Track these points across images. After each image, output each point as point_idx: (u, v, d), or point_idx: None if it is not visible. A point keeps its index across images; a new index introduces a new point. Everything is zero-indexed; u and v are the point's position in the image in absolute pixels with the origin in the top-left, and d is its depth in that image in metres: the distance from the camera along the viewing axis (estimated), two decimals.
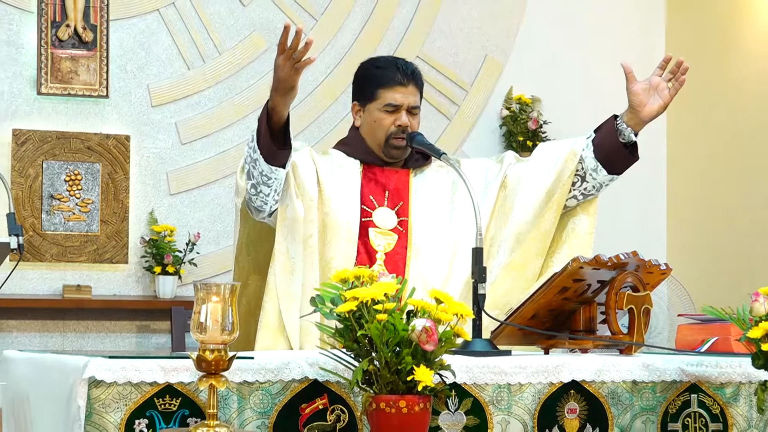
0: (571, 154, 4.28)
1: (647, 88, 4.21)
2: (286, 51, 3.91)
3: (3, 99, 6.96)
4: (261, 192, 4.04)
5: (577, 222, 4.34)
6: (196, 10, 7.27)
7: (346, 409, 3.31)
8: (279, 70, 3.94)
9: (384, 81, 4.24)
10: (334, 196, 4.19)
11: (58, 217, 6.97)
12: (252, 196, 4.06)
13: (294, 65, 3.92)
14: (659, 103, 4.21)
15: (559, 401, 3.49)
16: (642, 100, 4.20)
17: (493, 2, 7.82)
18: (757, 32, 7.49)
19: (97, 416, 3.10)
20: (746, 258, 7.45)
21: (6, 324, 6.88)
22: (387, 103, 4.23)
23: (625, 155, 4.26)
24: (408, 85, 4.25)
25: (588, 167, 4.26)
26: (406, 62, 4.32)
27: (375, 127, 4.25)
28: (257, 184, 4.02)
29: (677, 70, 4.20)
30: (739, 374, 3.63)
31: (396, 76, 4.24)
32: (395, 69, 4.26)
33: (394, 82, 4.23)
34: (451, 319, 3.15)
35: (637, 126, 4.24)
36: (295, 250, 4.10)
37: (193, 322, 3.04)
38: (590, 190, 4.30)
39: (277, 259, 4.10)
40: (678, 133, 8.01)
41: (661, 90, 4.21)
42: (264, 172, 4.00)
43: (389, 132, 4.24)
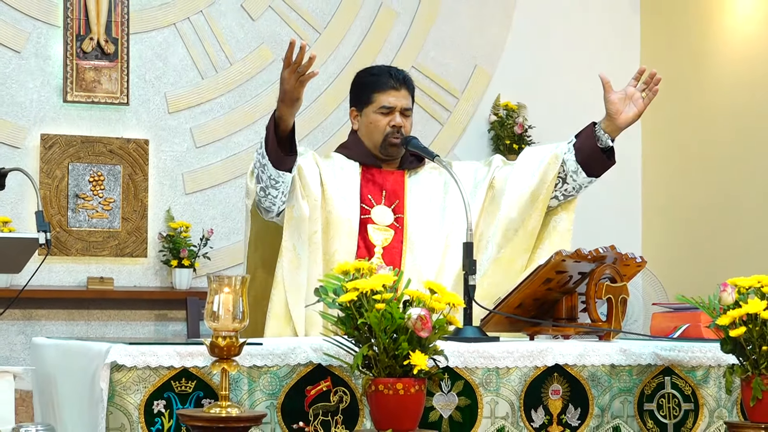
0: (554, 157, 4.27)
1: (623, 97, 4.20)
2: (291, 65, 3.90)
3: (32, 106, 6.94)
4: (269, 194, 4.03)
5: (558, 220, 4.33)
6: (209, 24, 7.25)
7: (348, 391, 3.30)
8: (285, 82, 3.93)
9: (378, 86, 4.25)
10: (335, 195, 4.19)
11: (82, 215, 6.96)
12: (261, 198, 4.05)
13: (299, 78, 3.91)
14: (634, 111, 4.19)
15: (544, 383, 3.49)
16: (618, 109, 4.19)
17: (482, 17, 7.81)
18: (726, 39, 7.48)
19: (118, 398, 3.09)
20: (715, 251, 7.44)
21: (35, 313, 6.87)
22: (382, 106, 4.23)
23: (603, 159, 4.25)
24: (400, 89, 4.25)
25: (569, 170, 4.25)
26: (398, 69, 4.34)
27: (372, 129, 4.25)
28: (266, 187, 4.02)
29: (650, 81, 4.19)
30: (709, 358, 3.63)
31: (389, 82, 4.24)
32: (388, 75, 4.27)
33: (387, 86, 4.24)
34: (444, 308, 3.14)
35: (614, 132, 4.22)
36: (301, 246, 4.10)
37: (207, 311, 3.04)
38: (570, 191, 4.29)
39: (284, 255, 4.09)
40: (652, 136, 8.00)
41: (636, 99, 4.20)
42: (272, 176, 3.99)
43: (385, 132, 4.24)
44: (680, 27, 7.80)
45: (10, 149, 6.88)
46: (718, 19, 7.53)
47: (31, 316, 6.86)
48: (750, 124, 7.30)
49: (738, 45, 7.39)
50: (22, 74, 6.93)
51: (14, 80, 6.92)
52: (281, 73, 3.94)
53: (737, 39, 7.40)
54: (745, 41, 7.35)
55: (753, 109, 7.29)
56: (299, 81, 3.92)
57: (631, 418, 3.56)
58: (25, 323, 6.84)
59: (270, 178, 3.99)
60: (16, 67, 6.92)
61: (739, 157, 7.35)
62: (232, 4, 7.31)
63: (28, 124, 6.92)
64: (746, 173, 7.30)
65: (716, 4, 7.54)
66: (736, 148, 7.37)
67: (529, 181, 4.27)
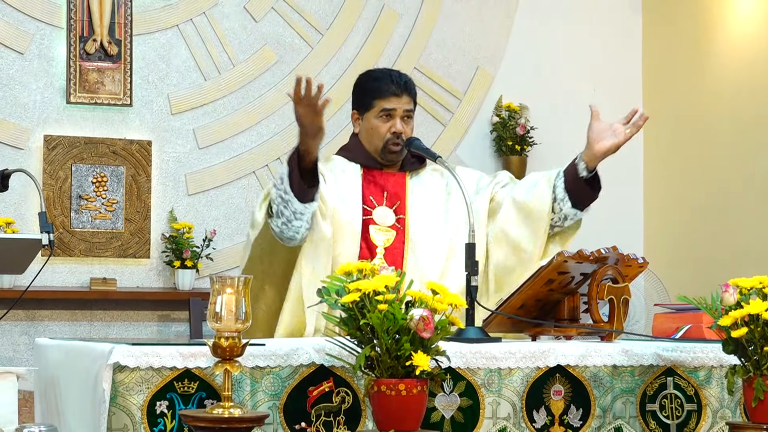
0: (547, 180, 4.25)
1: (606, 128, 4.16)
2: (302, 100, 3.87)
3: (35, 107, 6.94)
4: (293, 226, 4.00)
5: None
6: (212, 25, 7.25)
7: (350, 391, 3.30)
8: (302, 117, 3.91)
9: (380, 92, 4.24)
10: (338, 199, 4.19)
11: (85, 216, 6.96)
12: (283, 230, 4.01)
13: (314, 110, 3.88)
14: (612, 141, 4.14)
15: (546, 384, 3.49)
16: (597, 137, 4.16)
17: (484, 18, 7.81)
18: (727, 40, 7.48)
19: (121, 398, 3.09)
20: (717, 252, 7.44)
21: (38, 314, 6.87)
22: (382, 109, 4.23)
23: (585, 189, 4.21)
24: (402, 96, 4.24)
25: (558, 196, 4.23)
26: (400, 74, 4.32)
27: (372, 134, 4.25)
28: (289, 221, 3.99)
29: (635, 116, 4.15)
30: (711, 359, 3.63)
31: (390, 87, 4.23)
32: (390, 81, 4.25)
33: (389, 93, 4.22)
34: (446, 308, 3.14)
35: (591, 161, 4.18)
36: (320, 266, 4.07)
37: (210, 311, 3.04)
38: (557, 221, 4.24)
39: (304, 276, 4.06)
40: (654, 137, 8.00)
41: (618, 132, 4.16)
42: (297, 210, 3.98)
43: (386, 138, 4.24)
44: (681, 28, 7.80)
45: (14, 150, 6.88)
46: (720, 20, 7.53)
47: (34, 316, 6.86)
48: (751, 125, 7.29)
49: (739, 45, 7.39)
50: (26, 75, 6.93)
51: (17, 81, 6.92)
52: (295, 111, 3.93)
53: (738, 40, 7.40)
54: (745, 42, 7.34)
55: (754, 109, 7.28)
56: (316, 112, 3.89)
57: (633, 418, 3.56)
58: (28, 324, 6.84)
59: (295, 213, 3.98)
60: (20, 68, 6.92)
61: (741, 157, 7.35)
62: (234, 6, 7.31)
63: (32, 125, 6.92)
64: (748, 174, 7.30)
65: (717, 5, 7.54)
66: (737, 149, 7.37)
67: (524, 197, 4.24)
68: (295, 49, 7.41)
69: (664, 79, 7.97)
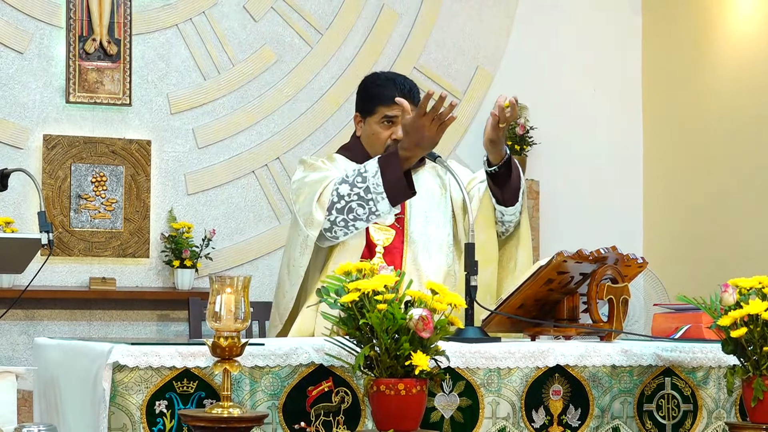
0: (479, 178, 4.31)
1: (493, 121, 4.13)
2: (430, 113, 3.90)
3: (35, 107, 6.95)
4: (354, 226, 4.03)
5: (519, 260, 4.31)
6: (211, 25, 7.26)
7: (350, 391, 3.30)
8: (424, 129, 3.92)
9: (383, 98, 4.24)
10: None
11: (85, 216, 6.96)
12: (338, 228, 4.02)
13: (440, 125, 3.92)
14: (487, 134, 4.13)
15: (545, 384, 3.49)
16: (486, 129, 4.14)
17: (484, 18, 7.81)
18: (728, 40, 7.48)
19: (120, 398, 3.09)
20: (717, 252, 7.44)
21: (37, 313, 6.87)
22: (384, 116, 4.23)
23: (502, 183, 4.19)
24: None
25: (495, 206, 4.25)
26: (405, 80, 4.31)
27: (373, 140, 4.25)
28: (355, 219, 4.00)
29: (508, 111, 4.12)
30: (709, 359, 3.63)
31: (394, 95, 4.22)
32: (393, 87, 4.24)
33: (391, 100, 4.22)
34: (445, 308, 3.14)
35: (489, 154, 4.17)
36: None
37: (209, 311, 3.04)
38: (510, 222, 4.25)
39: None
40: (653, 136, 8.00)
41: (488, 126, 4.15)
42: (378, 211, 4.00)
43: (386, 145, 4.24)
44: (682, 28, 7.80)
45: (13, 150, 6.88)
46: (719, 20, 7.53)
47: (33, 316, 6.86)
48: (751, 125, 7.30)
49: (739, 46, 7.39)
50: (25, 75, 6.93)
51: (17, 81, 6.92)
52: (413, 121, 3.93)
53: (738, 40, 7.40)
54: (745, 42, 7.35)
55: (754, 109, 7.28)
56: (440, 127, 3.94)
57: (630, 418, 3.56)
58: (27, 323, 6.84)
59: (372, 213, 4.00)
60: (19, 67, 6.93)
61: (741, 157, 7.35)
62: (234, 6, 7.31)
63: (31, 124, 6.92)
64: (748, 174, 7.30)
65: (717, 6, 7.54)
66: (737, 148, 7.37)
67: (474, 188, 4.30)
68: (294, 49, 7.41)
69: (664, 79, 7.97)
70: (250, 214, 7.29)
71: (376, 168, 3.99)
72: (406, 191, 4.03)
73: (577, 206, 7.87)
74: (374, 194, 3.98)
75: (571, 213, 7.85)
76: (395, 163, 3.98)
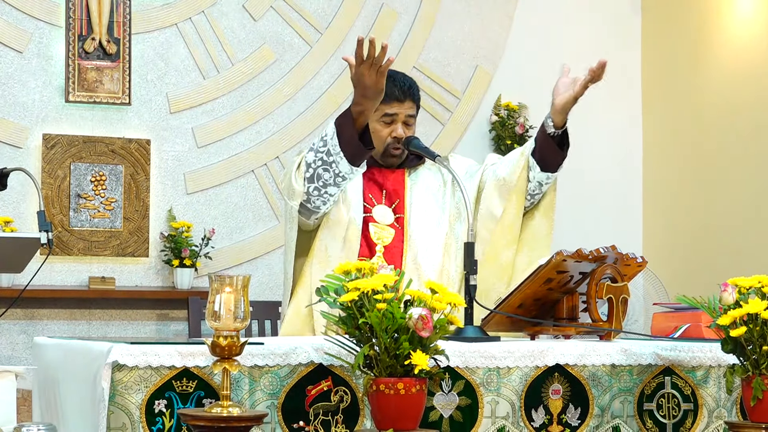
0: (520, 152, 4.26)
1: (569, 82, 4.16)
2: (366, 60, 3.85)
3: (34, 106, 6.94)
4: (326, 193, 4.02)
5: (536, 227, 4.30)
6: (210, 24, 7.25)
7: (349, 390, 3.30)
8: (365, 78, 3.88)
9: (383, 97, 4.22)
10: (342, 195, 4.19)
11: (84, 215, 6.96)
12: (314, 197, 4.02)
13: (378, 70, 3.87)
14: (570, 93, 4.13)
15: (544, 383, 3.49)
16: (557, 91, 4.15)
17: (483, 17, 7.81)
18: (727, 40, 7.48)
19: (119, 397, 3.09)
20: (716, 251, 7.44)
21: (37, 313, 6.87)
22: (384, 114, 4.22)
23: (554, 149, 4.19)
24: (405, 101, 4.23)
25: (530, 164, 4.23)
26: (404, 77, 4.29)
27: (373, 137, 4.23)
28: (325, 185, 4.00)
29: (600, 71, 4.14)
30: (709, 358, 3.63)
31: (394, 92, 4.20)
32: (393, 85, 4.22)
33: (391, 98, 4.20)
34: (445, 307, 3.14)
35: (556, 116, 4.15)
36: (333, 247, 4.10)
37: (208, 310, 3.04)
38: (534, 189, 4.25)
39: (315, 255, 4.11)
40: (653, 135, 8.00)
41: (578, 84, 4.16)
42: (342, 172, 3.98)
43: (386, 143, 4.23)
44: (681, 28, 7.80)
45: (12, 149, 6.88)
46: (719, 20, 7.53)
47: (32, 315, 6.86)
48: (751, 124, 7.30)
49: (738, 45, 7.39)
50: (24, 74, 6.93)
51: (16, 80, 6.92)
52: (355, 72, 3.89)
53: (738, 40, 7.40)
54: (745, 42, 7.35)
55: (753, 109, 7.29)
56: (379, 73, 3.88)
57: (630, 418, 3.56)
58: (26, 323, 6.84)
59: (337, 176, 3.98)
60: (18, 67, 6.92)
61: (740, 156, 7.35)
62: (233, 5, 7.31)
63: (30, 124, 6.92)
64: (747, 173, 7.30)
65: (716, 6, 7.54)
66: (736, 147, 7.37)
67: (503, 175, 4.26)
68: (294, 48, 7.41)
69: (664, 79, 7.97)
70: (250, 213, 7.29)
71: (332, 129, 3.98)
72: (362, 148, 4.00)
73: (576, 205, 7.87)
74: (334, 155, 3.97)
75: (571, 212, 7.85)
76: (348, 122, 3.97)
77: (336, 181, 4.00)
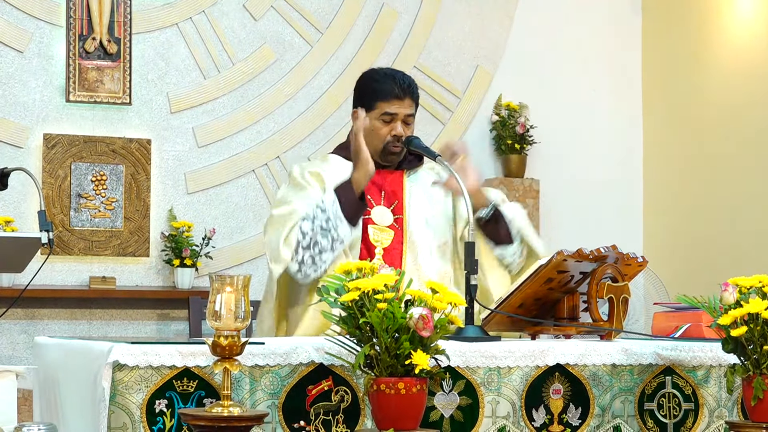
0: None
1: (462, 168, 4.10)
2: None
3: (35, 106, 6.94)
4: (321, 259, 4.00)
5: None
6: (211, 24, 7.26)
7: (350, 390, 3.30)
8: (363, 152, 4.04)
9: (382, 94, 4.21)
10: None
11: (85, 214, 6.96)
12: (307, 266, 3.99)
13: None
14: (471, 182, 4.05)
15: (545, 383, 3.49)
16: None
17: (484, 17, 7.81)
18: (727, 41, 7.48)
19: (120, 397, 3.09)
20: (716, 250, 7.44)
21: (37, 312, 6.87)
22: (384, 112, 4.21)
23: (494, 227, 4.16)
24: (404, 99, 4.21)
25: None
26: (404, 76, 4.28)
27: (373, 136, 4.22)
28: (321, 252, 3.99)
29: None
30: (710, 358, 3.63)
31: (393, 90, 4.20)
32: (393, 83, 4.21)
33: (391, 96, 4.19)
34: (445, 307, 3.14)
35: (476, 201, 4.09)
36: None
37: (209, 310, 3.04)
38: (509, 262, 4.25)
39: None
40: (654, 135, 8.00)
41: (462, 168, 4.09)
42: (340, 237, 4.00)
43: (386, 141, 4.22)
44: (682, 28, 7.80)
45: (13, 149, 6.88)
46: (719, 20, 7.53)
47: (33, 315, 6.86)
48: (750, 124, 7.30)
49: (739, 45, 7.39)
50: (25, 74, 6.93)
51: (17, 80, 6.92)
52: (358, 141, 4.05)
53: (738, 40, 7.40)
54: (745, 42, 7.35)
55: (753, 109, 7.29)
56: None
57: (631, 417, 3.56)
58: (27, 322, 6.84)
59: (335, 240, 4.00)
60: (19, 66, 6.92)
61: (740, 156, 7.35)
62: (234, 4, 7.31)
63: (31, 123, 6.92)
64: (747, 173, 7.30)
65: (717, 6, 7.54)
66: (736, 148, 7.38)
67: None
68: (294, 48, 7.41)
69: (664, 79, 7.97)
70: (250, 213, 7.29)
71: (333, 196, 4.01)
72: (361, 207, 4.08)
73: (577, 205, 7.87)
74: (333, 220, 3.99)
75: (571, 212, 7.85)
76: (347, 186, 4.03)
77: (334, 246, 4.00)
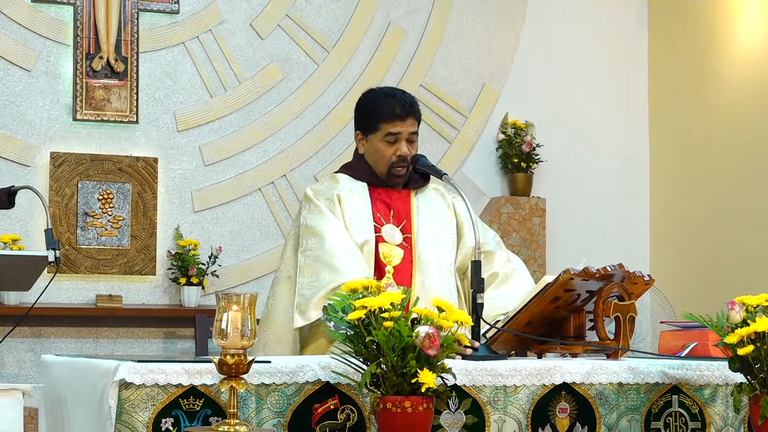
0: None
1: None
2: None
3: (42, 124, 6.96)
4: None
5: None
6: (218, 42, 7.27)
7: (356, 408, 3.30)
8: None
9: (384, 115, 4.20)
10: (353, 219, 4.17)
11: (91, 233, 6.97)
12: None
13: None
14: None
15: (551, 401, 3.48)
16: None
17: (490, 36, 7.82)
18: (733, 58, 7.48)
19: (126, 415, 3.09)
20: (723, 269, 7.43)
21: (44, 330, 6.87)
22: (388, 133, 4.20)
23: None
24: (407, 119, 4.21)
25: None
26: (404, 94, 4.27)
27: (377, 157, 4.22)
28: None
29: None
30: (716, 377, 3.62)
31: (395, 110, 4.19)
32: (394, 103, 4.20)
33: (393, 116, 4.19)
34: (452, 326, 3.14)
35: None
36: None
37: (216, 328, 3.04)
38: None
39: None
40: (660, 151, 8.00)
41: None
42: None
43: (390, 162, 4.22)
44: (687, 46, 7.81)
45: (20, 167, 6.90)
46: (725, 35, 7.54)
47: (40, 333, 6.86)
48: (758, 140, 7.30)
49: (745, 60, 7.40)
50: (32, 93, 6.95)
51: (24, 99, 6.94)
52: None
53: (744, 55, 7.41)
54: (752, 56, 7.35)
55: (761, 125, 7.29)
56: None
57: None
58: (34, 341, 6.85)
59: None
60: (26, 85, 6.94)
61: (747, 175, 7.35)
62: (240, 23, 7.33)
63: (38, 142, 6.93)
64: (754, 189, 7.30)
65: (723, 24, 7.55)
66: (744, 164, 7.37)
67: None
68: (301, 67, 7.43)
69: (670, 97, 7.98)
70: (257, 231, 7.29)
71: None
72: None
73: (583, 223, 7.86)
74: None
75: (578, 230, 7.85)
76: None
77: None
